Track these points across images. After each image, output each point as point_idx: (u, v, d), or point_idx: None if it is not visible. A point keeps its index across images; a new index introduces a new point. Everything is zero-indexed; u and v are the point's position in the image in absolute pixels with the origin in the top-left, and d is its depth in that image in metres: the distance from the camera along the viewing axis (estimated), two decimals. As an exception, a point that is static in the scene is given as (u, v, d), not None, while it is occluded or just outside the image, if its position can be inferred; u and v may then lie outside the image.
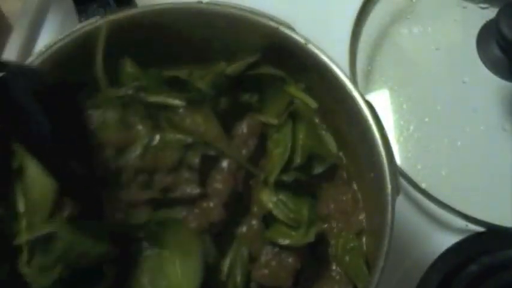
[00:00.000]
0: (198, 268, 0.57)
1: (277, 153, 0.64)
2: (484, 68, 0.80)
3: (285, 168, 0.63)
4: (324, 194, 0.67)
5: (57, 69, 0.64)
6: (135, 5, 0.68)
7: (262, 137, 0.66)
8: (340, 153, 0.68)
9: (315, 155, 0.65)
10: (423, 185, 0.73)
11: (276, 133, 0.65)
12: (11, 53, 0.83)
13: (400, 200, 0.60)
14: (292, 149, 0.64)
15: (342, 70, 0.62)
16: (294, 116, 0.66)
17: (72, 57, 0.64)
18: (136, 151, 0.60)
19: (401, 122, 0.78)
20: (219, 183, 0.61)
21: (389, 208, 0.57)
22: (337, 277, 0.64)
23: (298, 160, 0.63)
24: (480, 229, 0.73)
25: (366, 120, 0.60)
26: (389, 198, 0.58)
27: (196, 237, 0.59)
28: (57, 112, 0.55)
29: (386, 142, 0.60)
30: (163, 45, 0.68)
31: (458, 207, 0.72)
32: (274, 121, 0.65)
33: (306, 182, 0.65)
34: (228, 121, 0.64)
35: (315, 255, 0.64)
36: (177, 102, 0.62)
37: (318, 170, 0.65)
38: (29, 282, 0.55)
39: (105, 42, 0.63)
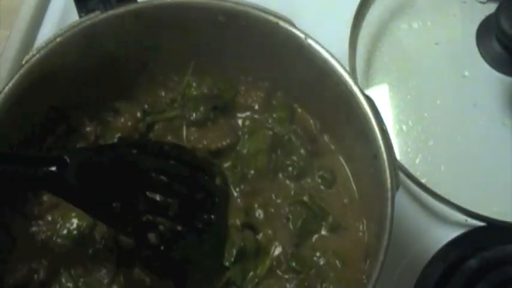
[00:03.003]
0: None
1: None
2: (484, 62, 0.80)
3: None
4: None
5: (57, 64, 0.64)
6: (134, 0, 0.68)
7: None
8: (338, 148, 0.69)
9: None
10: (423, 180, 0.73)
11: None
12: (11, 49, 0.83)
13: (400, 194, 0.61)
14: None
15: (341, 65, 0.62)
16: None
17: (73, 52, 0.64)
18: None
19: (401, 117, 0.78)
20: None
21: (389, 203, 0.57)
22: None
23: None
24: (480, 224, 0.73)
25: (365, 115, 0.61)
26: (389, 192, 0.58)
27: None
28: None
29: (386, 137, 0.60)
30: (163, 41, 0.68)
31: (457, 202, 0.72)
32: None
33: None
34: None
35: None
36: None
37: None
38: None
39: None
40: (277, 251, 0.65)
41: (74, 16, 0.68)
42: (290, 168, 0.68)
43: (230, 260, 0.64)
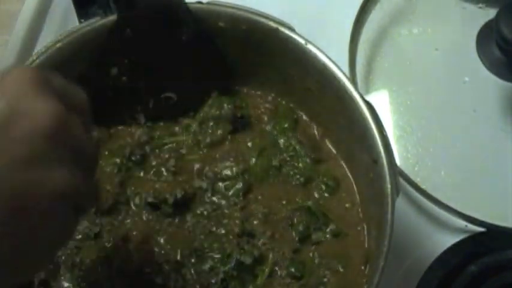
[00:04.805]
0: None
1: None
2: (484, 68, 0.80)
3: None
4: None
5: (57, 70, 0.64)
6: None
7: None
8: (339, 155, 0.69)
9: None
10: (423, 186, 0.73)
11: None
12: (11, 54, 0.82)
13: (400, 200, 0.61)
14: None
15: (341, 70, 0.63)
16: None
17: (73, 58, 0.64)
18: None
19: (401, 123, 0.78)
20: None
21: (389, 208, 0.57)
22: None
23: None
24: (480, 229, 0.73)
25: (365, 121, 0.61)
26: (389, 198, 0.58)
27: None
28: None
29: (386, 142, 0.60)
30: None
31: (457, 208, 0.72)
32: None
33: None
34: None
35: None
36: None
37: None
38: None
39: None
40: (278, 256, 0.64)
41: (74, 21, 0.68)
42: (294, 176, 0.68)
43: (230, 266, 0.64)
